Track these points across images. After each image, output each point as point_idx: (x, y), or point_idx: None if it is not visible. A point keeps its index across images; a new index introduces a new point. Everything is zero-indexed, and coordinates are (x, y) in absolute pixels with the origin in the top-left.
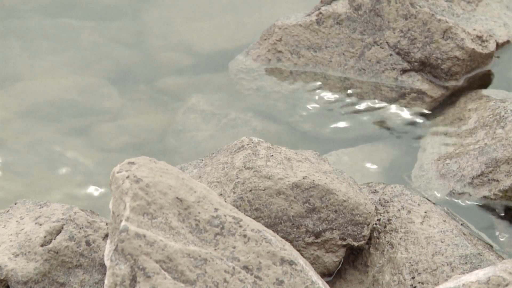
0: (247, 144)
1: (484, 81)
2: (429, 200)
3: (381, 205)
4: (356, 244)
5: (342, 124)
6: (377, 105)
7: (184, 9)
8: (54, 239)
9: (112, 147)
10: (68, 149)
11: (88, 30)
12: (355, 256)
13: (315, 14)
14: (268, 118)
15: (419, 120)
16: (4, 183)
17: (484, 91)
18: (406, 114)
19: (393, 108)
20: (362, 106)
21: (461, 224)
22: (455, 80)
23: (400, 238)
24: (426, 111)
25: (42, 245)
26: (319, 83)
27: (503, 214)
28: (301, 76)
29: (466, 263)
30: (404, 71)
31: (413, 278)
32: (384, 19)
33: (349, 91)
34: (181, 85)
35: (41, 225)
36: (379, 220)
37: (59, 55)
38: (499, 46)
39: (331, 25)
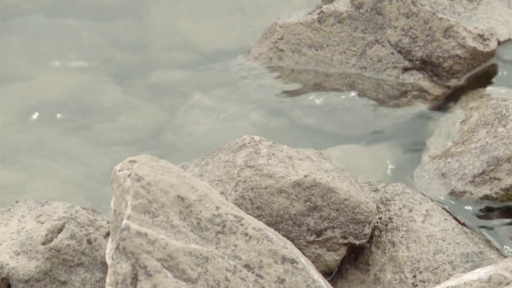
0: (249, 143)
1: (486, 79)
2: (430, 199)
3: (382, 203)
4: (357, 242)
5: (343, 123)
6: (378, 104)
7: (187, 8)
8: (56, 238)
9: (114, 145)
10: (69, 147)
11: (89, 29)
12: (356, 255)
13: (316, 13)
14: (269, 115)
15: (421, 119)
16: (5, 182)
17: (486, 90)
18: (407, 113)
19: (395, 106)
20: (363, 104)
21: (462, 223)
22: (457, 79)
23: (402, 237)
24: (427, 110)
25: (43, 244)
26: (320, 81)
27: (504, 213)
28: (302, 75)
29: (467, 261)
30: (405, 69)
31: (414, 276)
32: (385, 17)
33: (351, 90)
34: (183, 83)
35: (42, 223)
36: (380, 218)
37: (60, 54)
38: (500, 44)
39: (332, 23)
